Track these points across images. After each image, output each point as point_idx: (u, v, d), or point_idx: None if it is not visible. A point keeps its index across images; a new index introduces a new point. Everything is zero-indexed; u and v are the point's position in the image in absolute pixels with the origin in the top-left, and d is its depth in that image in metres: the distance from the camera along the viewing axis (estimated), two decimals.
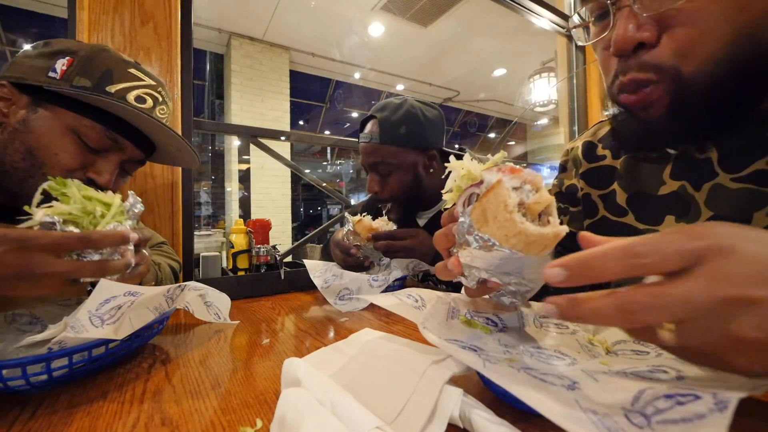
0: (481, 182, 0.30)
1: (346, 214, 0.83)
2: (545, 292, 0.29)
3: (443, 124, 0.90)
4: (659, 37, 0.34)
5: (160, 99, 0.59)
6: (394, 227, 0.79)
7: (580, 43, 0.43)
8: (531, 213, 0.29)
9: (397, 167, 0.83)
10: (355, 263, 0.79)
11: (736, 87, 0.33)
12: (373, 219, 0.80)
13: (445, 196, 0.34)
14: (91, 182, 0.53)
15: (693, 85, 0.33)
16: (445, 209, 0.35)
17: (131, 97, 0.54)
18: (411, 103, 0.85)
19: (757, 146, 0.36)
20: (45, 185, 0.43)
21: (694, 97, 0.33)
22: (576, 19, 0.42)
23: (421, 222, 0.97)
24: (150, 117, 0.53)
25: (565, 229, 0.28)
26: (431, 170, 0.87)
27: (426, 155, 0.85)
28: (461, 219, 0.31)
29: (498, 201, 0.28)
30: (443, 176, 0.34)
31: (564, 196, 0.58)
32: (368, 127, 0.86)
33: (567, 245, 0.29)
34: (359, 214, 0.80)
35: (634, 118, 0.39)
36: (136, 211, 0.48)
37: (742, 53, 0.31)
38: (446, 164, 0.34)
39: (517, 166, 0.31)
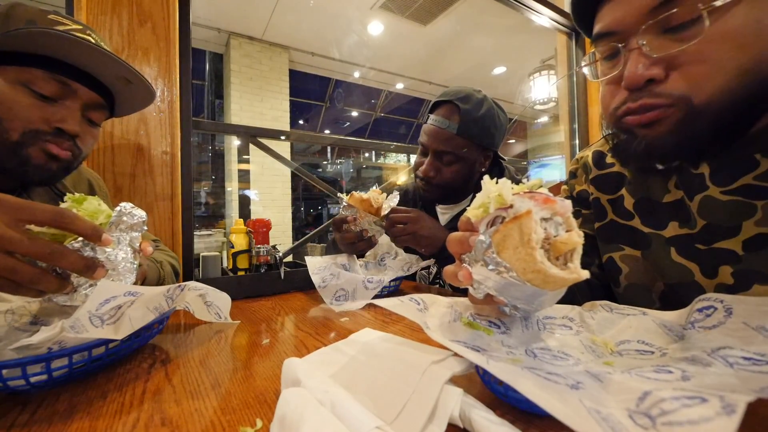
0: (510, 206, 0.29)
1: (339, 194, 0.81)
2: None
3: (507, 128, 0.93)
4: (667, 73, 0.37)
5: (93, 40, 0.56)
6: (385, 196, 0.79)
7: (591, 80, 0.48)
8: (555, 250, 0.28)
9: (460, 159, 0.84)
10: (354, 238, 0.77)
11: (741, 114, 0.37)
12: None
13: (470, 213, 0.33)
14: (60, 132, 0.53)
15: (704, 114, 0.36)
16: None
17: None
18: (490, 102, 0.86)
19: (743, 163, 0.40)
20: (66, 203, 0.44)
21: (705, 124, 0.37)
22: (587, 59, 0.46)
23: (443, 219, 0.98)
24: (80, 39, 0.51)
25: (586, 275, 0.27)
26: (483, 169, 0.90)
27: (486, 154, 0.89)
28: (481, 237, 0.30)
29: (522, 232, 0.27)
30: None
31: (576, 200, 0.61)
32: (445, 111, 0.84)
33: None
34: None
35: (634, 137, 0.42)
36: (132, 222, 0.46)
37: (748, 84, 0.35)
38: (482, 181, 0.32)
39: (551, 196, 0.29)
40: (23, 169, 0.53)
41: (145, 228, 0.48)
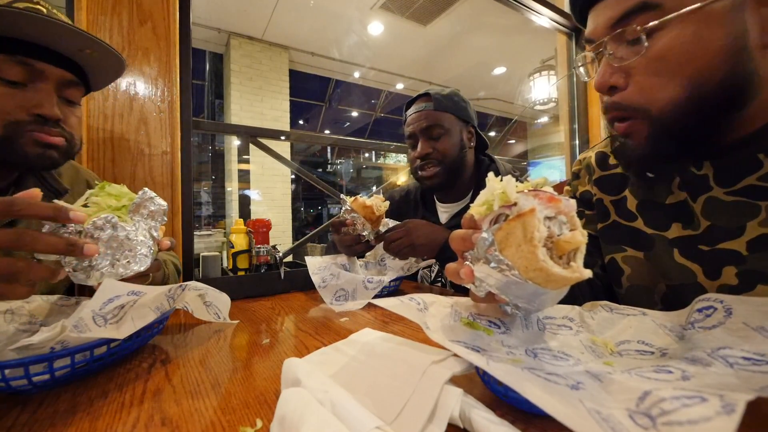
0: (514, 204, 0.29)
1: (342, 195, 0.83)
2: None
3: (474, 108, 1.05)
4: (628, 81, 0.41)
5: (45, 10, 0.53)
6: (388, 205, 0.81)
7: (583, 80, 0.52)
8: (559, 249, 0.28)
9: (448, 132, 0.93)
10: (351, 241, 0.80)
11: (695, 122, 0.39)
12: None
13: (473, 210, 0.33)
14: (42, 119, 0.52)
15: (662, 122, 0.40)
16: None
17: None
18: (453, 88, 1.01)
19: (747, 164, 0.41)
20: (89, 192, 0.45)
21: (664, 131, 0.40)
22: (580, 60, 0.50)
23: (443, 217, 1.00)
24: (23, 11, 0.48)
25: (588, 274, 0.27)
26: (471, 144, 0.98)
27: (467, 129, 0.98)
28: (484, 234, 0.30)
29: (525, 230, 0.27)
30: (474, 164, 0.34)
31: (579, 201, 0.61)
32: (419, 102, 0.97)
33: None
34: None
35: (624, 144, 0.45)
36: (154, 208, 0.47)
37: (696, 96, 0.38)
38: (486, 178, 0.32)
39: (556, 194, 0.29)
40: (26, 162, 0.52)
41: (165, 219, 0.49)
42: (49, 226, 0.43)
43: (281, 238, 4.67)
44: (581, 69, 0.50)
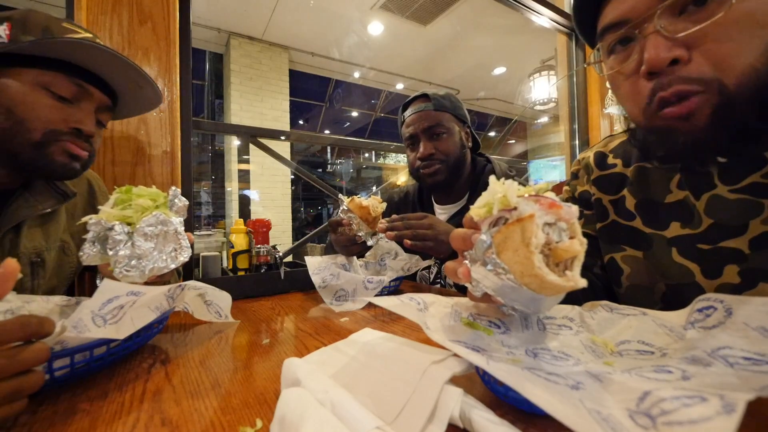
0: (515, 208, 0.29)
1: (340, 195, 0.83)
2: None
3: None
4: (690, 55, 0.36)
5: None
6: (385, 206, 0.81)
7: (601, 74, 0.46)
8: (556, 256, 0.28)
9: (449, 131, 0.95)
10: (346, 242, 0.79)
11: None
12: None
13: (473, 212, 0.33)
14: (78, 132, 0.57)
15: (739, 95, 0.35)
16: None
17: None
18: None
19: (752, 162, 0.40)
20: (114, 195, 0.50)
21: (743, 105, 0.35)
22: (593, 57, 0.46)
23: (441, 218, 0.98)
24: (98, 45, 0.55)
25: (583, 283, 0.26)
26: (469, 144, 1.00)
27: (464, 129, 1.00)
28: (483, 237, 0.30)
29: (524, 235, 0.27)
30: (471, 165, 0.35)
31: (577, 201, 0.61)
32: (417, 102, 0.98)
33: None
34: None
35: (670, 134, 0.39)
36: (180, 204, 0.51)
37: None
38: (489, 180, 0.32)
39: (558, 201, 0.29)
40: (51, 168, 0.56)
41: (186, 214, 0.53)
42: (93, 232, 0.48)
43: (281, 238, 4.67)
44: (594, 66, 0.47)
